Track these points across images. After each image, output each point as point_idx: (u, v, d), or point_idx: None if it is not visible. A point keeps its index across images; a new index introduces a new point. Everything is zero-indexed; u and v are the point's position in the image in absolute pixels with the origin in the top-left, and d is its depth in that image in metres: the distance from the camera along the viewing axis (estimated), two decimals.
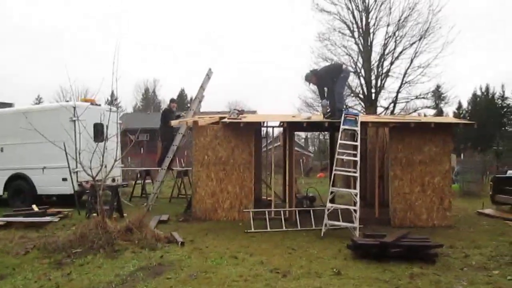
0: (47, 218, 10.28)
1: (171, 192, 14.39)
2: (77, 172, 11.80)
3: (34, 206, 11.45)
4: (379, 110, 29.74)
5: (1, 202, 13.10)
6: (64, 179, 12.12)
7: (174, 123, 11.78)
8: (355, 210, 8.66)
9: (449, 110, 44.03)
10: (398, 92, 29.94)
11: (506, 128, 45.65)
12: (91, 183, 10.15)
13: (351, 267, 6.28)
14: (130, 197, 14.20)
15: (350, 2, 28.96)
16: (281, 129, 12.43)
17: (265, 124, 11.56)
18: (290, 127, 10.56)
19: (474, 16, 72.75)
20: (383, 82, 30.04)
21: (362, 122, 9.64)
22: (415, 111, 31.62)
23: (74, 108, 11.98)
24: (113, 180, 12.74)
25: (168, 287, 5.41)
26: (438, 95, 33.28)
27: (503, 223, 10.17)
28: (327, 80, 10.04)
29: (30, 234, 8.87)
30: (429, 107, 32.95)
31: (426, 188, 9.83)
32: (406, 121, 10.20)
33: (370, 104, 29.11)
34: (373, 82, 29.78)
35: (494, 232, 9.07)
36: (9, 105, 14.70)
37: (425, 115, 25.00)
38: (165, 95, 76.87)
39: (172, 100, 16.88)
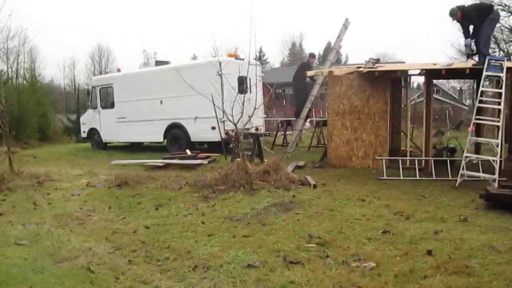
0: (198, 161, 11.66)
1: (310, 141, 14.94)
2: (224, 121, 12.93)
3: (187, 151, 12.95)
4: None
5: (160, 148, 14.97)
6: (213, 128, 13.28)
7: (310, 73, 12.14)
8: (496, 161, 8.24)
9: None
10: None
11: None
12: (236, 131, 11.10)
13: (480, 216, 6.10)
14: (272, 145, 15.09)
15: None
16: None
17: (402, 73, 11.20)
18: (428, 75, 10.19)
19: None
20: None
21: (508, 68, 8.91)
22: None
23: (220, 63, 12.98)
24: (257, 129, 13.66)
25: (296, 220, 5.99)
26: None
27: None
28: (474, 18, 9.29)
29: (183, 173, 10.21)
30: None
31: None
32: None
33: None
34: None
35: None
36: (166, 62, 16.42)
37: None
38: (312, 48, 76.98)
39: (311, 55, 17.07)
